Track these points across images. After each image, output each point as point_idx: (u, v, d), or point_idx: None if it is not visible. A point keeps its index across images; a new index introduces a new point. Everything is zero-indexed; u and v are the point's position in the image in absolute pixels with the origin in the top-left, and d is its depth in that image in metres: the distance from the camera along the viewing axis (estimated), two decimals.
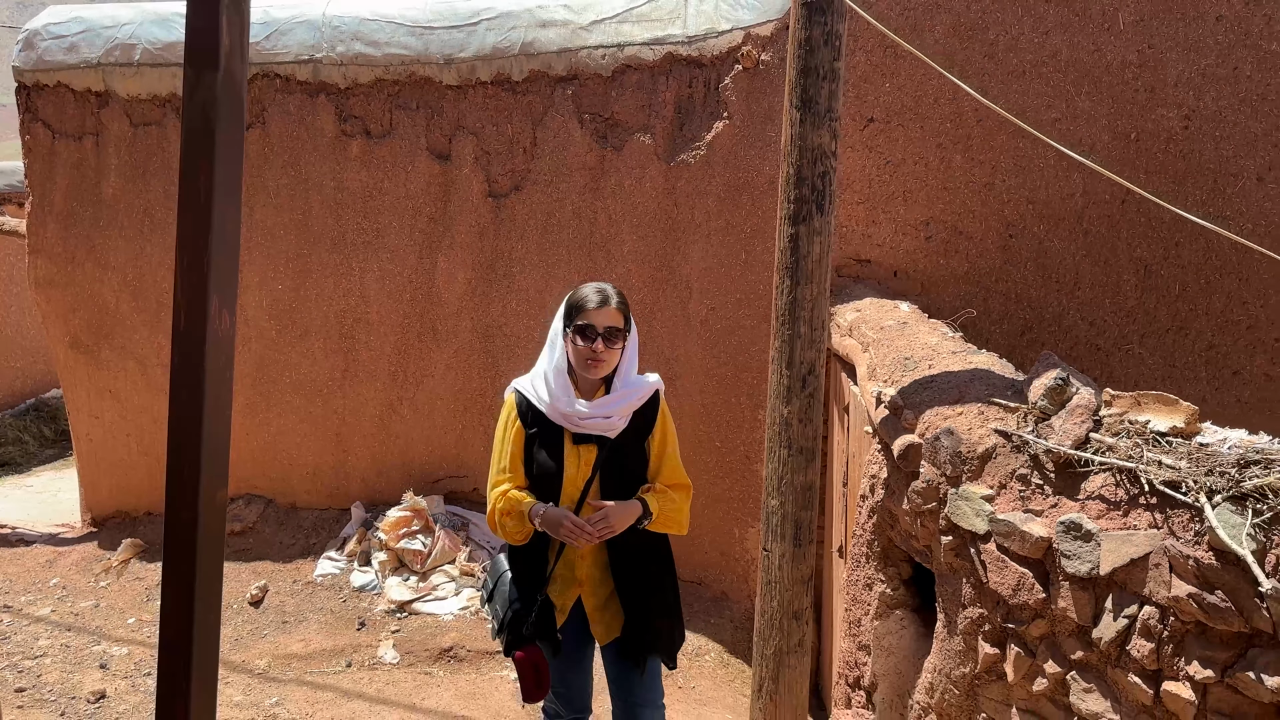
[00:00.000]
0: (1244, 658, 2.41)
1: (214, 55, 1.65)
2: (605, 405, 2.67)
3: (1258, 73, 4.62)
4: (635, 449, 2.74)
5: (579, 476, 2.68)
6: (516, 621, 2.74)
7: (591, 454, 2.69)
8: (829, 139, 3.23)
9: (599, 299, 2.66)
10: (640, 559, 2.79)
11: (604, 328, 2.63)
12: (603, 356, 2.63)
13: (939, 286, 4.76)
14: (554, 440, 2.69)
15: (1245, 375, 4.83)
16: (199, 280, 1.74)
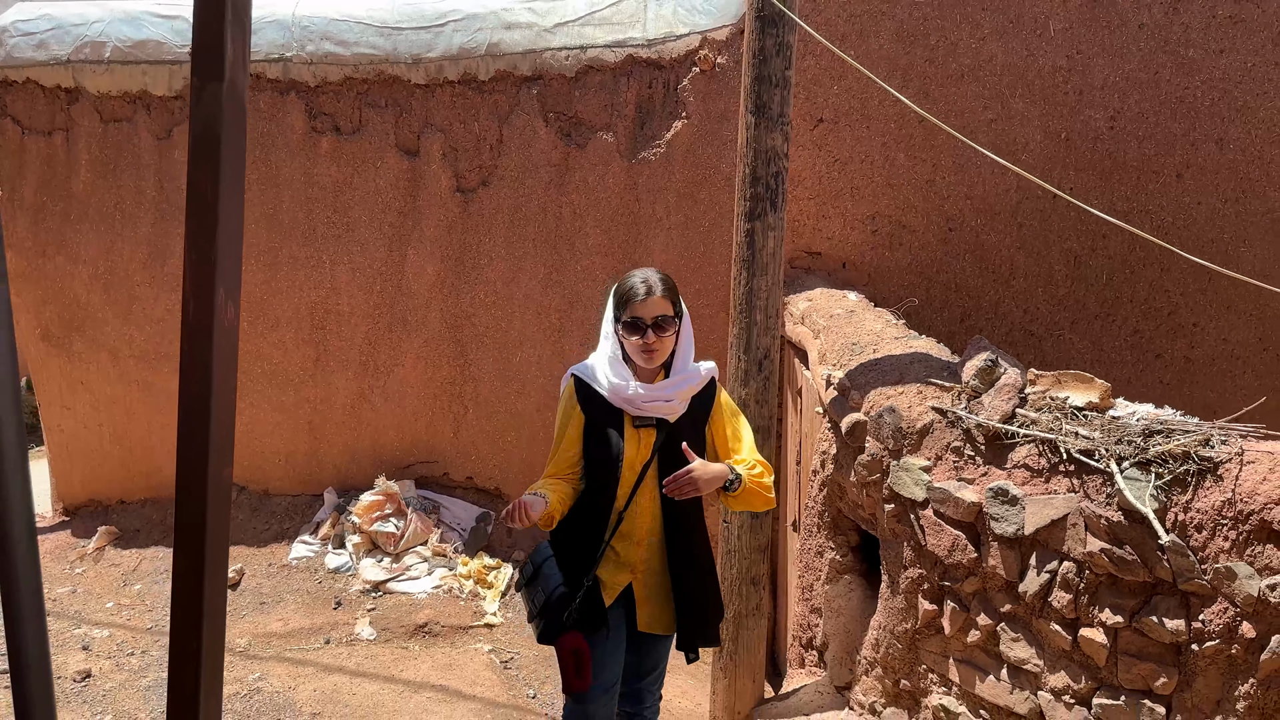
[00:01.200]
0: (1148, 604, 2.74)
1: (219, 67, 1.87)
2: (665, 388, 2.68)
3: (1176, 77, 4.99)
4: (693, 434, 2.74)
5: (638, 459, 2.69)
6: (560, 605, 2.69)
7: (651, 437, 2.70)
8: (781, 142, 3.50)
9: (644, 290, 2.63)
10: (695, 548, 2.80)
11: (653, 318, 2.62)
12: (655, 346, 2.63)
13: (884, 277, 5.07)
14: (614, 424, 2.69)
15: (1166, 358, 5.21)
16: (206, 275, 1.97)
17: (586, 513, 2.73)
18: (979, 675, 3.13)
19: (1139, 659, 2.74)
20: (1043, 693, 2.95)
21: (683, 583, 2.77)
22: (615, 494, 2.69)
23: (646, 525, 2.74)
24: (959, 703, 3.22)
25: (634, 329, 2.62)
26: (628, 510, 2.70)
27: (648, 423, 2.68)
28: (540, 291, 5.55)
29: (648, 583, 2.78)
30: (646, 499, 2.71)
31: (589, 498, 2.73)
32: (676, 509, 2.74)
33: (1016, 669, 3.02)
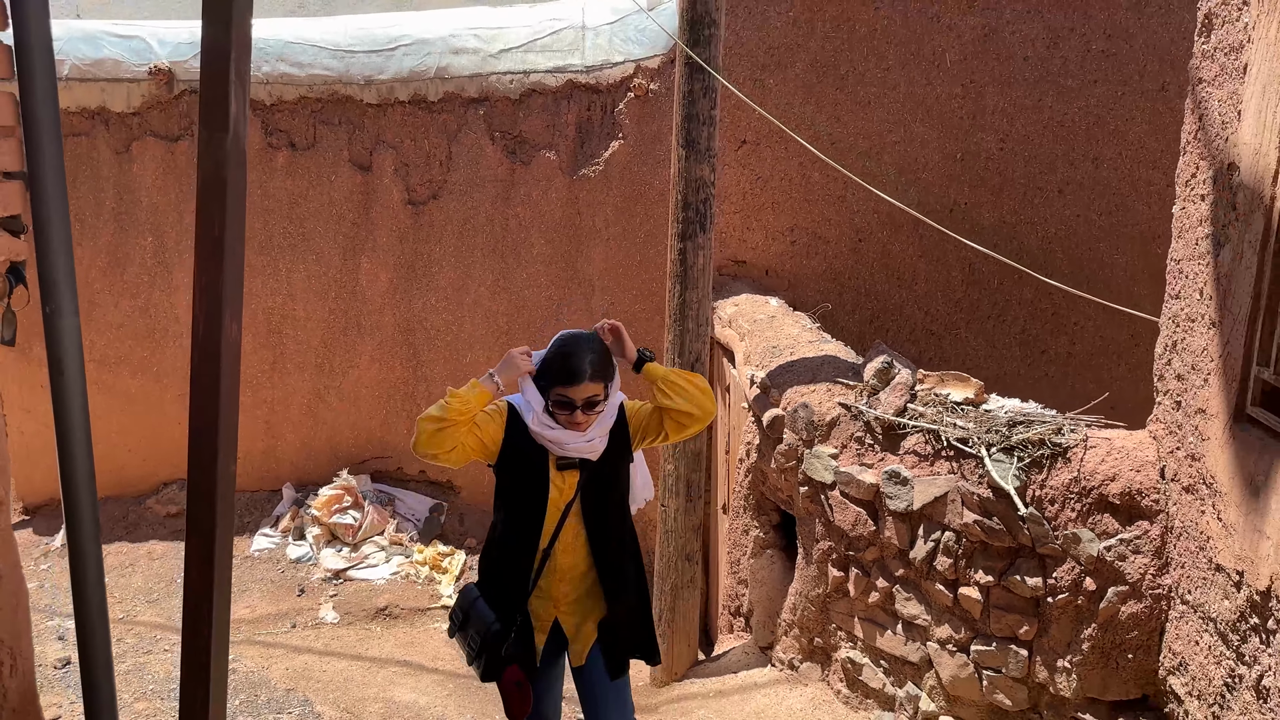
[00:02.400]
0: (1013, 565, 3.32)
1: (225, 119, 2.26)
2: (588, 431, 2.67)
3: (1057, 104, 5.62)
4: (617, 470, 2.78)
5: (562, 499, 2.70)
6: (496, 642, 2.70)
7: (574, 477, 2.70)
8: (709, 171, 4.00)
9: (578, 374, 2.62)
10: (621, 560, 2.81)
11: (583, 400, 2.62)
12: (583, 422, 2.63)
13: (802, 283, 5.62)
14: (539, 463, 2.69)
15: (1051, 354, 5.86)
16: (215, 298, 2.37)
17: (510, 551, 2.74)
18: (879, 631, 3.69)
19: (1007, 611, 3.32)
20: (931, 643, 3.52)
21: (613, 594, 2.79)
22: (540, 533, 2.69)
23: (570, 560, 2.74)
24: (863, 655, 3.77)
25: (563, 407, 2.62)
26: (553, 548, 2.70)
27: (570, 464, 2.69)
28: (489, 297, 5.97)
29: (573, 613, 2.79)
30: (570, 536, 2.72)
31: (511, 538, 2.75)
32: (605, 543, 2.77)
33: (909, 624, 3.58)
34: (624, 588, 2.82)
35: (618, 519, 2.83)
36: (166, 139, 6.06)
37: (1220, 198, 2.85)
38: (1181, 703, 2.96)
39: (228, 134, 2.32)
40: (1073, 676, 3.21)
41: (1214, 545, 2.75)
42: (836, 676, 3.89)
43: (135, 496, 6.57)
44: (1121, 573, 3.09)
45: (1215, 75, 2.93)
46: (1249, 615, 2.56)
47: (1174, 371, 3.10)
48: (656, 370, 2.80)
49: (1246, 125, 2.71)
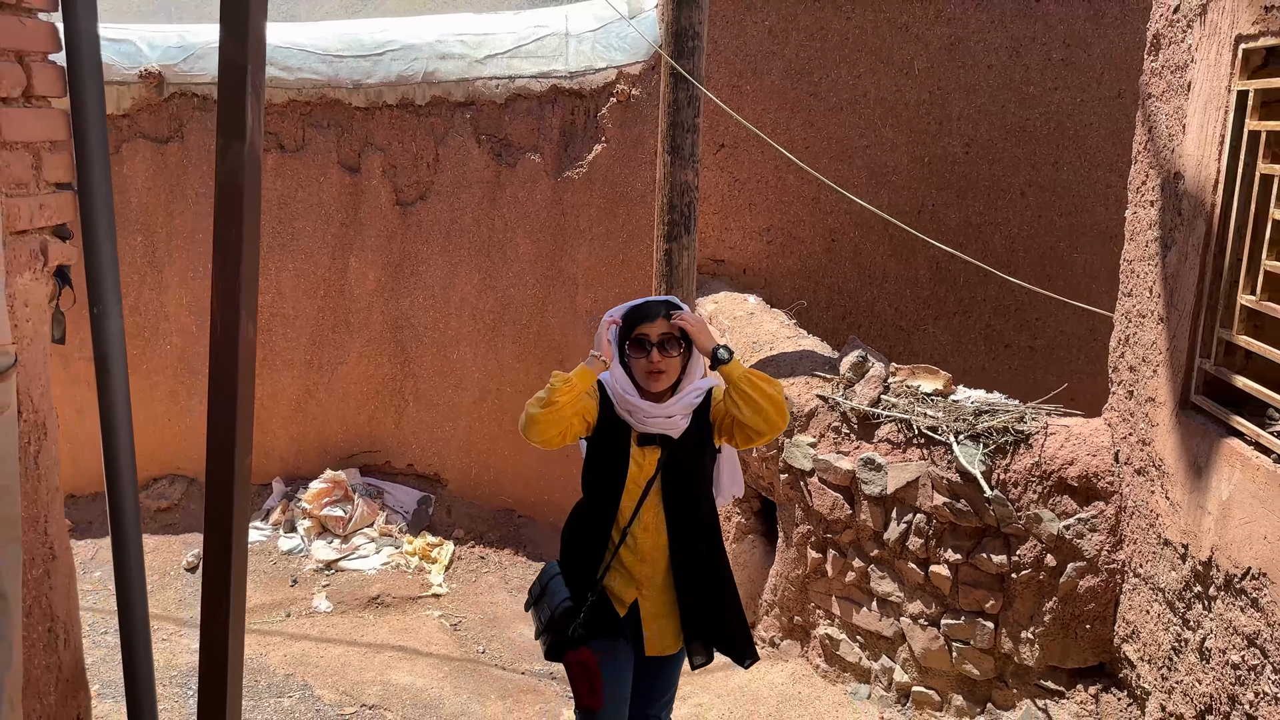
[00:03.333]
0: (979, 545, 3.57)
1: (241, 130, 2.45)
2: (669, 404, 2.64)
3: (1020, 110, 5.89)
4: (699, 453, 2.70)
5: (642, 475, 2.65)
6: (565, 619, 2.63)
7: (655, 454, 2.65)
8: (692, 176, 4.22)
9: (647, 310, 2.65)
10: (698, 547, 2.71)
11: (659, 336, 2.61)
12: (661, 367, 2.60)
13: (779, 281, 5.85)
14: (621, 438, 2.67)
15: (1014, 348, 6.15)
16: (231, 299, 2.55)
17: (590, 528, 2.71)
18: (855, 608, 3.93)
19: (974, 587, 3.57)
20: (903, 618, 3.76)
21: (686, 594, 2.69)
22: (618, 510, 2.66)
23: (651, 541, 2.67)
24: (840, 631, 4.01)
25: (639, 347, 2.60)
26: (631, 526, 2.65)
27: (651, 441, 2.65)
28: (475, 295, 6.15)
29: (654, 599, 2.69)
30: (650, 515, 2.66)
31: (592, 513, 2.72)
32: (683, 527, 2.68)
33: (884, 601, 3.82)
34: (698, 573, 2.70)
35: (698, 504, 2.72)
36: (156, 141, 6.17)
37: (1167, 204, 3.11)
38: (1134, 668, 3.23)
39: (244, 143, 2.51)
40: (1035, 646, 3.46)
41: (1162, 522, 3.01)
42: (815, 652, 4.13)
43: None
44: (1079, 549, 3.34)
45: (1162, 91, 3.19)
46: (1193, 584, 2.82)
47: (1127, 363, 3.36)
48: (733, 371, 2.60)
49: (1190, 138, 2.97)
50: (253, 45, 2.47)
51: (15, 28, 2.04)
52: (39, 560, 2.21)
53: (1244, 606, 2.54)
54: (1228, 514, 2.61)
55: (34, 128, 2.12)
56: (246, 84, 2.45)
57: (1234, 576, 2.58)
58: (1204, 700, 2.76)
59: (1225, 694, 2.64)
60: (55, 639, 2.29)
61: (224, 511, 2.62)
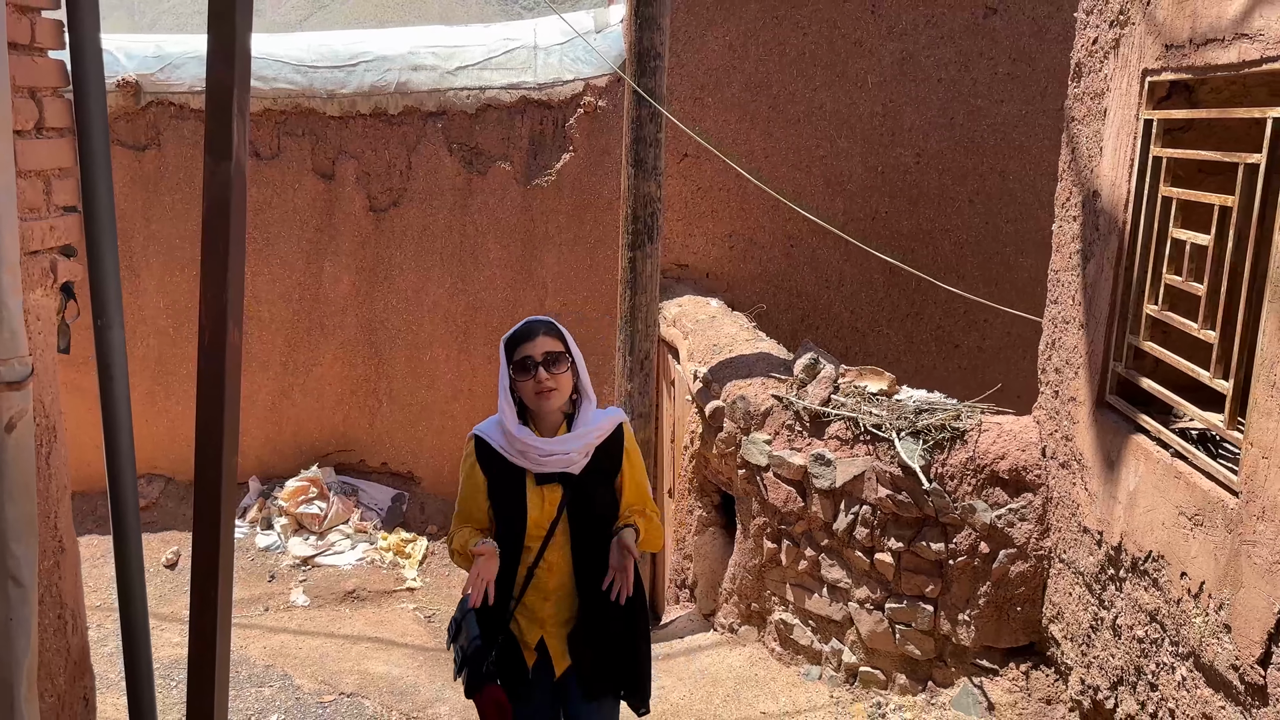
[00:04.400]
0: (920, 533, 3.84)
1: (228, 149, 2.65)
2: (563, 441, 2.54)
3: (968, 122, 6.19)
4: (603, 488, 2.62)
5: (544, 517, 2.57)
6: (477, 659, 2.61)
7: (556, 494, 2.57)
8: (655, 188, 4.46)
9: (528, 330, 2.56)
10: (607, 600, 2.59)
11: (542, 355, 2.50)
12: (550, 384, 2.50)
13: (740, 285, 6.11)
14: (516, 482, 2.57)
15: (964, 348, 6.45)
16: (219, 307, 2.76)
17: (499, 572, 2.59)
18: (807, 594, 4.19)
19: (915, 573, 3.83)
20: (851, 603, 4.02)
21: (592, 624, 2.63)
22: (519, 552, 2.59)
23: (555, 581, 2.62)
24: (794, 616, 4.27)
25: (524, 369, 2.51)
26: (537, 567, 2.59)
27: (551, 479, 2.57)
28: (447, 298, 6.36)
29: (560, 635, 2.66)
30: (556, 555, 2.60)
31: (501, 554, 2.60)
32: (591, 566, 2.60)
33: (833, 587, 4.09)
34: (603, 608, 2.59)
35: (606, 539, 2.61)
36: (134, 148, 6.31)
37: (1088, 219, 3.39)
38: (1059, 645, 3.51)
39: (231, 161, 2.72)
40: (971, 628, 3.74)
41: (1082, 511, 3.29)
42: (771, 637, 4.38)
43: (105, 491, 6.81)
44: (1010, 537, 3.62)
45: (1083, 115, 3.47)
46: (1107, 568, 3.11)
47: (1053, 365, 3.64)
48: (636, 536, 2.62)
49: (1106, 160, 3.25)
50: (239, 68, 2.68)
51: (28, 66, 2.23)
52: (49, 553, 2.40)
53: (1147, 586, 2.82)
54: (1134, 503, 2.89)
55: (45, 156, 2.32)
56: (233, 106, 2.65)
57: (1139, 559, 2.86)
58: (1116, 673, 3.05)
59: (1133, 666, 2.92)
60: (65, 625, 2.49)
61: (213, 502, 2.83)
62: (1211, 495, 2.49)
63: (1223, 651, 2.41)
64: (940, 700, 3.82)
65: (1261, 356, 2.29)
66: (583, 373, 2.61)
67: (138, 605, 2.87)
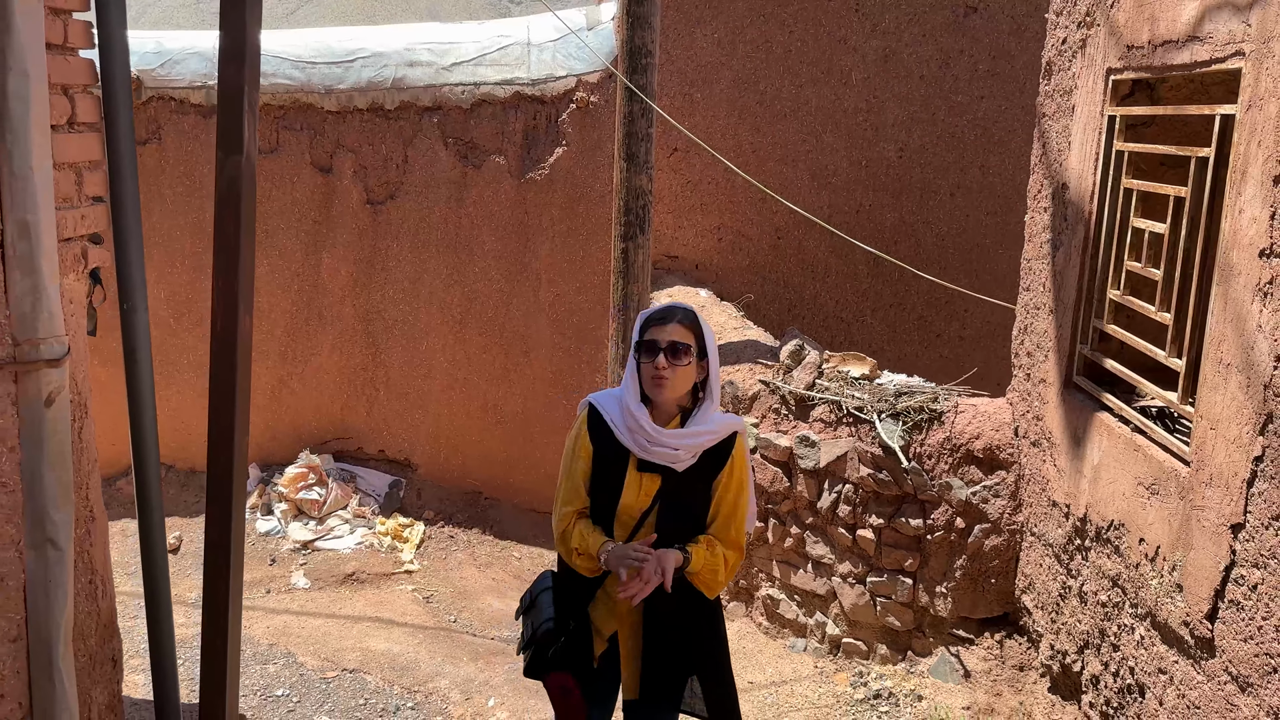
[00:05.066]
0: (899, 510, 4.02)
1: (239, 144, 2.82)
2: (674, 436, 2.45)
3: (949, 117, 6.37)
4: (701, 489, 2.50)
5: (637, 505, 2.46)
6: (547, 640, 2.51)
7: (654, 484, 2.46)
8: (646, 181, 4.62)
9: (665, 314, 2.47)
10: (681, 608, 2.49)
11: (668, 342, 2.41)
12: (666, 373, 2.40)
13: (729, 276, 6.28)
14: (619, 463, 2.48)
15: (945, 337, 6.64)
16: (231, 295, 2.92)
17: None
18: (793, 570, 4.38)
19: (895, 548, 4.03)
20: (835, 578, 4.21)
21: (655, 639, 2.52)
22: (610, 537, 2.48)
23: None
24: (780, 592, 4.46)
25: (648, 351, 2.43)
26: None
27: (652, 468, 2.47)
28: (443, 289, 6.51)
29: (633, 639, 2.55)
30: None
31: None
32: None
33: (817, 563, 4.27)
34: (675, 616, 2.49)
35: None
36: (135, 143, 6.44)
37: (1057, 210, 3.58)
38: (1031, 614, 3.70)
39: (242, 155, 2.89)
40: (949, 600, 3.93)
41: (1051, 486, 3.48)
42: (759, 612, 4.57)
43: (106, 478, 6.94)
44: (985, 513, 3.81)
45: (1053, 111, 3.66)
46: (1074, 538, 3.30)
47: (1025, 349, 3.83)
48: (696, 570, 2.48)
49: (1074, 154, 3.44)
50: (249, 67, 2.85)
51: (61, 65, 2.39)
52: (81, 521, 2.56)
53: (1109, 554, 3.01)
54: (1098, 476, 3.08)
55: (76, 150, 2.47)
56: (244, 103, 2.82)
57: (1102, 529, 3.05)
58: (1083, 637, 3.24)
59: (1097, 629, 3.12)
60: (95, 589, 2.65)
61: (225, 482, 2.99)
62: (1166, 466, 2.68)
63: (1175, 609, 2.60)
64: (919, 669, 4.01)
65: (1210, 336, 2.48)
66: (713, 371, 2.50)
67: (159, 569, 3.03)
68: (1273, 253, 2.23)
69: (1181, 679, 2.59)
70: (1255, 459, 2.25)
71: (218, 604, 3.12)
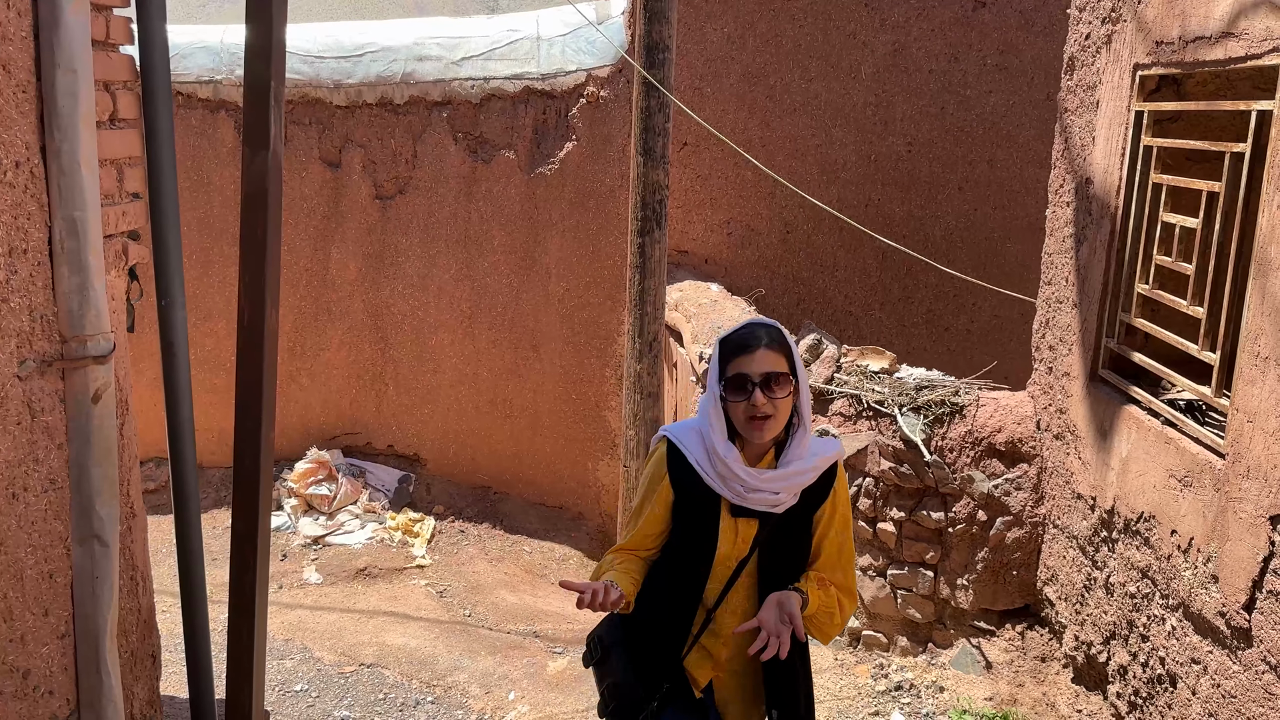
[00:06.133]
0: (920, 504, 4.05)
1: (265, 139, 2.81)
2: (774, 480, 2.17)
3: (958, 111, 6.39)
4: (801, 526, 2.25)
5: (734, 554, 2.22)
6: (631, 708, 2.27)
7: (751, 529, 2.22)
8: (663, 176, 4.63)
9: (749, 339, 2.14)
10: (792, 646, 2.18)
11: (761, 375, 2.09)
12: (766, 410, 2.09)
13: (738, 270, 6.30)
14: (710, 509, 2.22)
15: (953, 331, 6.67)
16: (258, 290, 2.92)
17: (670, 604, 2.28)
18: None
19: (916, 541, 4.05)
20: (855, 571, 4.23)
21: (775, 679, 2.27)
22: (704, 590, 2.25)
23: (736, 624, 2.23)
24: None
25: (738, 389, 2.10)
26: (717, 610, 2.25)
27: (747, 512, 2.21)
28: (452, 284, 6.51)
29: (730, 684, 2.33)
30: (740, 597, 2.24)
31: (674, 588, 2.28)
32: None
33: None
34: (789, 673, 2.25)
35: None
36: None
37: (1080, 205, 3.60)
38: (1054, 606, 3.73)
39: (269, 151, 2.88)
40: (970, 592, 3.96)
41: (1075, 479, 3.51)
42: None
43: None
44: (1007, 505, 3.84)
45: (1076, 106, 3.68)
46: (1100, 530, 3.33)
47: (1047, 343, 3.86)
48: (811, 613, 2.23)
49: (1099, 149, 3.46)
50: (275, 63, 2.85)
51: (104, 61, 2.38)
52: (123, 517, 2.56)
53: (1139, 545, 3.04)
54: (1126, 468, 3.11)
55: (118, 146, 2.47)
56: (270, 99, 2.81)
57: (1131, 520, 3.08)
58: (1109, 628, 3.27)
59: (1125, 620, 3.15)
60: (136, 586, 2.65)
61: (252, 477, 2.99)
62: (1200, 458, 2.71)
63: (1210, 600, 2.63)
64: (940, 660, 4.04)
65: (1246, 330, 2.51)
66: (804, 393, 2.19)
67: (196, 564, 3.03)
68: None
69: (1216, 669, 2.62)
70: None
71: (245, 596, 3.13)
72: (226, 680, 3.06)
